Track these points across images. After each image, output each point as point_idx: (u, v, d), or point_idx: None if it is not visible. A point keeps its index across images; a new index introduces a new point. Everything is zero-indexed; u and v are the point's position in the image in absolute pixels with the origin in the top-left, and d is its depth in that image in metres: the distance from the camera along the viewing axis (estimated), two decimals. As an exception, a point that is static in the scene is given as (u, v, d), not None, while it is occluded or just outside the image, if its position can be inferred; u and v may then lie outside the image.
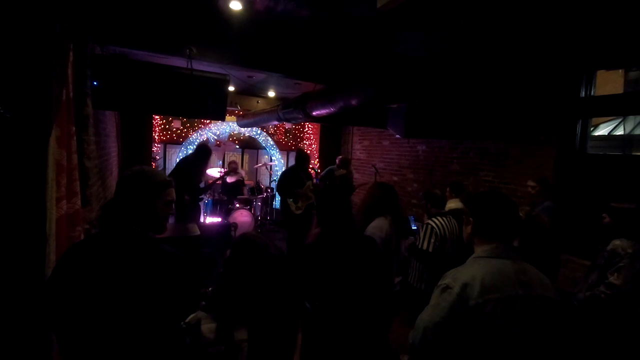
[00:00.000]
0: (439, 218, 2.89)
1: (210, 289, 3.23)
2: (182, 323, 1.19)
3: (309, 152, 8.03)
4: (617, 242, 2.31)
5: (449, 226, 2.86)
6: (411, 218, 5.38)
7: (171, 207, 1.40)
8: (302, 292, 1.66)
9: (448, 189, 3.72)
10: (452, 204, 3.42)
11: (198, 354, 1.14)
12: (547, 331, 1.21)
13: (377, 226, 2.37)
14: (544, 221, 2.06)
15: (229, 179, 6.46)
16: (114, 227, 1.24)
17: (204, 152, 4.45)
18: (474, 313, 1.16)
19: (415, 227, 5.29)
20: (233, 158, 8.06)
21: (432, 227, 2.83)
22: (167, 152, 7.46)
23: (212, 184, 5.37)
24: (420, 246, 2.82)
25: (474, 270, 1.24)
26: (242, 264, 1.22)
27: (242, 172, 7.02)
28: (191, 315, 1.21)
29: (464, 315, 1.16)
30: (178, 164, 4.64)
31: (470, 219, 1.37)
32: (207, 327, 1.16)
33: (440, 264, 2.81)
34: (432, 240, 2.78)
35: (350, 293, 1.68)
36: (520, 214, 1.98)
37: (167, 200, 1.35)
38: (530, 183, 3.64)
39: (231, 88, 6.32)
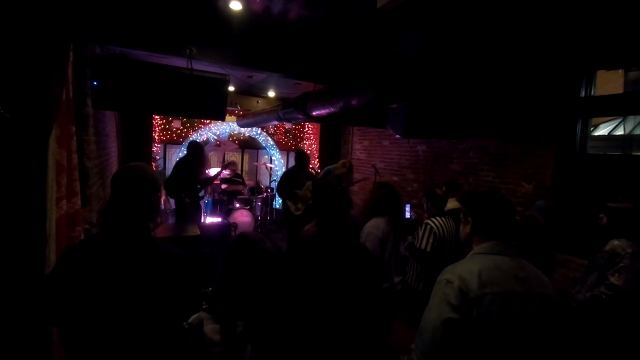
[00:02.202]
0: (437, 218, 2.91)
1: (210, 289, 3.23)
2: (184, 324, 1.19)
3: (308, 152, 8.03)
4: (615, 242, 2.30)
5: (447, 226, 2.89)
6: (408, 206, 5.41)
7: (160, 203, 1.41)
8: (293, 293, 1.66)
9: (444, 188, 3.73)
10: (450, 204, 3.43)
11: (200, 355, 1.14)
12: (545, 328, 1.20)
13: (374, 225, 2.39)
14: (539, 220, 2.06)
15: (225, 186, 6.50)
16: (119, 226, 1.24)
17: (195, 149, 4.48)
18: (473, 306, 1.15)
19: (410, 216, 5.32)
20: (233, 158, 8.06)
21: (431, 227, 2.85)
22: (167, 152, 7.46)
23: (214, 178, 5.36)
24: (418, 246, 2.83)
25: (472, 265, 1.24)
26: (238, 260, 1.23)
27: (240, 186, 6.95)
28: (194, 316, 1.20)
29: (465, 309, 1.16)
30: (175, 166, 4.66)
31: (469, 218, 1.37)
32: (210, 328, 1.16)
33: (439, 263, 2.83)
34: (431, 240, 2.80)
35: (337, 296, 1.68)
36: (517, 217, 1.98)
37: (160, 197, 1.35)
38: (522, 182, 3.65)
39: (231, 88, 6.32)
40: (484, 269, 1.21)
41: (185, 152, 7.07)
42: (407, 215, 5.30)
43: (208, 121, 7.36)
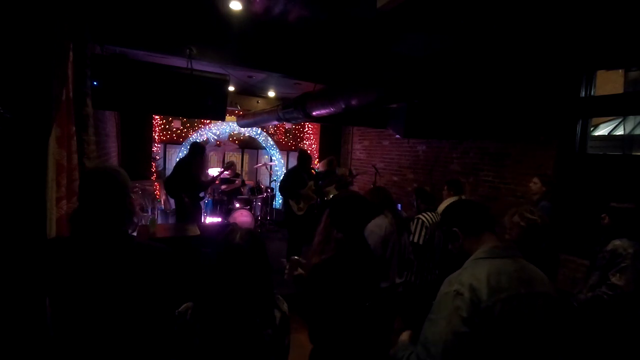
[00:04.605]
0: (428, 213, 3.06)
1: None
2: (175, 312, 1.23)
3: (309, 152, 8.02)
4: (617, 242, 2.29)
5: (437, 220, 3.02)
6: (398, 206, 5.47)
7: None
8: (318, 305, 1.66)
9: (445, 187, 3.73)
10: (445, 204, 3.45)
11: (185, 342, 1.17)
12: (551, 327, 1.21)
13: (377, 224, 2.42)
14: (546, 221, 2.05)
15: (224, 187, 6.49)
16: (94, 229, 1.22)
17: (197, 150, 4.48)
18: (485, 316, 1.14)
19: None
20: (233, 158, 8.06)
21: (423, 221, 2.98)
22: (167, 152, 7.45)
23: (212, 181, 5.38)
24: (411, 239, 2.92)
25: (477, 273, 1.22)
26: (216, 254, 1.26)
27: (237, 181, 6.91)
28: (183, 305, 1.24)
29: (477, 320, 1.14)
30: (176, 166, 4.66)
31: (455, 229, 1.36)
32: (194, 316, 1.20)
33: (430, 255, 2.98)
34: (423, 233, 2.93)
35: (364, 292, 1.71)
36: (536, 219, 1.97)
37: (131, 198, 1.35)
38: (534, 180, 3.53)
39: (231, 88, 6.32)
40: (491, 276, 1.19)
41: (185, 152, 7.10)
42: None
43: (208, 121, 7.35)
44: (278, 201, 8.04)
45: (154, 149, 6.90)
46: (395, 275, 2.55)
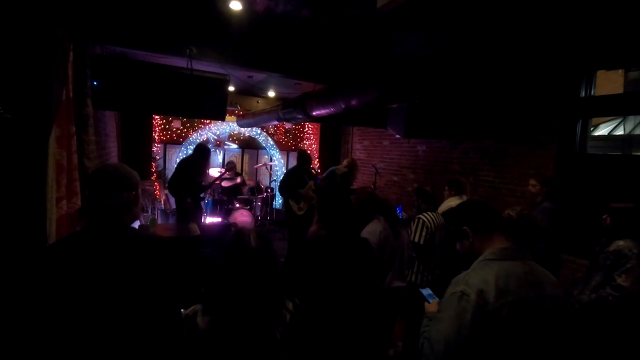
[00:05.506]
0: (429, 213, 3.05)
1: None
2: (182, 315, 1.22)
3: (309, 152, 8.03)
4: (621, 243, 2.27)
5: (437, 220, 3.02)
6: (399, 208, 5.47)
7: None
8: (294, 287, 1.66)
9: (447, 187, 3.72)
10: (453, 202, 3.44)
11: (194, 345, 1.17)
12: (560, 330, 1.21)
13: (370, 231, 2.38)
14: (539, 220, 2.04)
15: (225, 184, 6.47)
16: (93, 222, 1.25)
17: (203, 152, 4.46)
18: (491, 318, 1.14)
19: (401, 216, 5.39)
20: (232, 158, 8.06)
21: (423, 220, 2.98)
22: (167, 152, 7.45)
23: (212, 183, 5.38)
24: (412, 239, 2.93)
25: (485, 275, 1.21)
26: (224, 255, 1.25)
27: (238, 179, 6.90)
28: (191, 307, 1.23)
29: (482, 322, 1.14)
30: (178, 166, 4.65)
31: (465, 228, 1.36)
32: (202, 319, 1.19)
33: (430, 255, 2.98)
34: (424, 234, 2.93)
35: (342, 291, 1.70)
36: (512, 214, 1.98)
37: (135, 194, 1.36)
38: (532, 182, 3.54)
39: (231, 88, 6.32)
40: (500, 278, 1.19)
41: (185, 152, 7.10)
42: (400, 216, 5.35)
43: (208, 121, 7.35)
44: (278, 201, 8.04)
45: (154, 149, 6.90)
46: (395, 279, 2.53)
